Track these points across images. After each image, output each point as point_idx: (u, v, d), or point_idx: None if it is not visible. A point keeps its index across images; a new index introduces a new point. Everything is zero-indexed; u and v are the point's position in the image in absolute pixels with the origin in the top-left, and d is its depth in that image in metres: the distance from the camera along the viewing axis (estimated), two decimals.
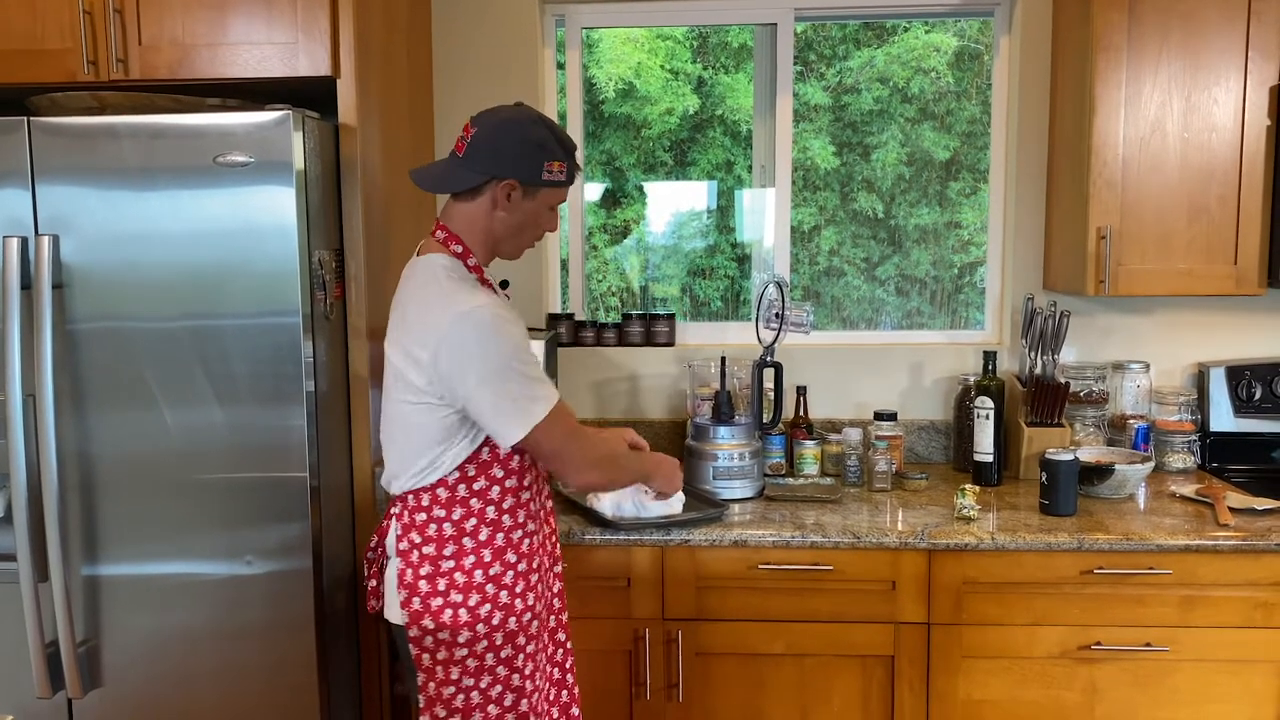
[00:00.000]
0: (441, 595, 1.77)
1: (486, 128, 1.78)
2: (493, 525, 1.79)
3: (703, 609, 2.27)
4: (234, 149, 2.03)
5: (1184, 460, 2.73)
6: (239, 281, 2.05)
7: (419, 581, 1.78)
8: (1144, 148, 2.45)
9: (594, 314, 3.16)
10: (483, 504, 1.79)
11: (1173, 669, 2.23)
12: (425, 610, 1.77)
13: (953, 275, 3.04)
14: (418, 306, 1.74)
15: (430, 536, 1.78)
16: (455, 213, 1.84)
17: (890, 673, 2.27)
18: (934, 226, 3.05)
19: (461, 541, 1.78)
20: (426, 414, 1.73)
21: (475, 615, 1.77)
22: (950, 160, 3.06)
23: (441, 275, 1.75)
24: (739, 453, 2.47)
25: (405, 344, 1.73)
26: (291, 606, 2.12)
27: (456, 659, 1.78)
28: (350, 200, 2.23)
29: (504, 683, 1.81)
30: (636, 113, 3.19)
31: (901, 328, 3.09)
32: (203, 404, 2.08)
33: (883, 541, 2.21)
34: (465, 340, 1.67)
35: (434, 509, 1.78)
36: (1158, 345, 2.85)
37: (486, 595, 1.79)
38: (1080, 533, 2.20)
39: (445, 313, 1.68)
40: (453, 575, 1.77)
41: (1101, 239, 2.46)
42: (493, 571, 1.79)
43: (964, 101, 3.00)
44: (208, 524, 2.10)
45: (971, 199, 3.03)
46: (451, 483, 1.77)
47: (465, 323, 1.67)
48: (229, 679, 2.14)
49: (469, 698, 1.79)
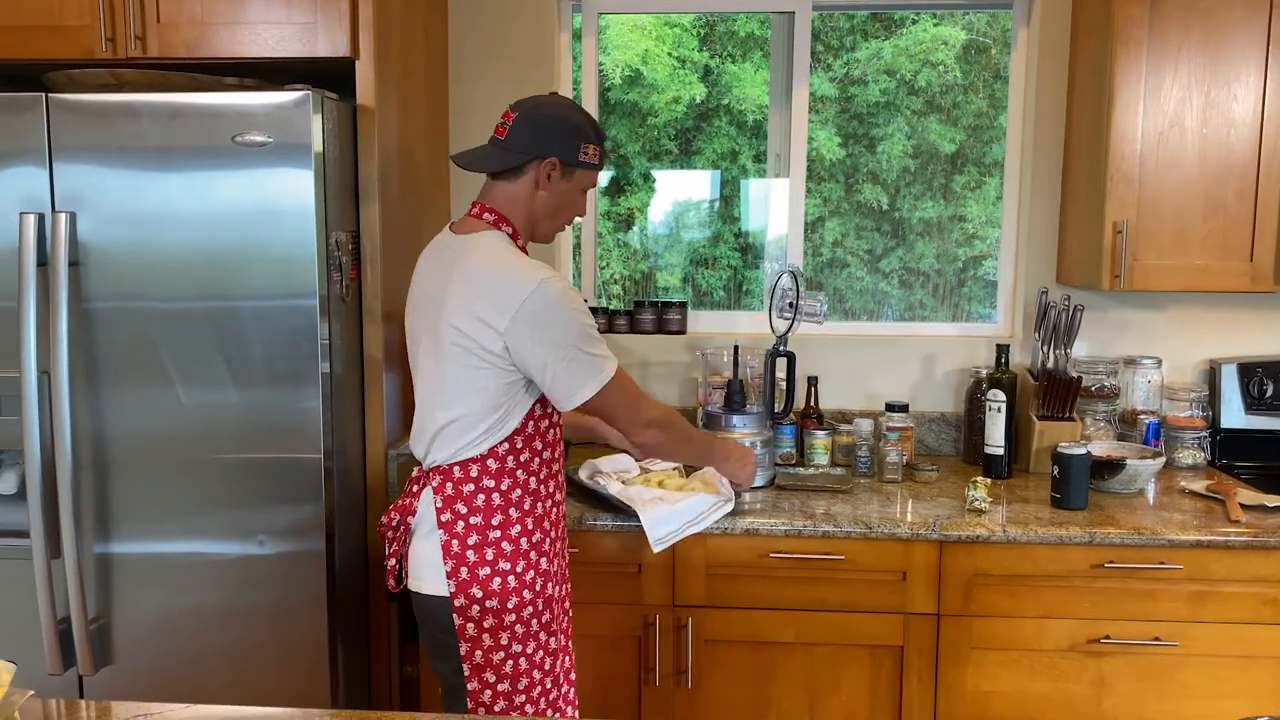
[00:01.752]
0: (490, 565, 1.81)
1: (528, 112, 1.86)
2: (534, 495, 1.86)
3: (713, 596, 2.27)
4: (252, 129, 2.02)
5: (1194, 456, 2.73)
6: (256, 263, 2.05)
7: (466, 552, 1.81)
8: (1162, 142, 2.44)
9: (598, 302, 3.15)
10: (526, 475, 1.85)
11: (1182, 664, 2.23)
12: (474, 579, 1.81)
13: (956, 269, 3.05)
14: (489, 274, 1.77)
15: (478, 507, 1.81)
16: (497, 193, 1.88)
17: (899, 663, 2.28)
18: (938, 220, 3.05)
19: (508, 511, 1.83)
20: (493, 378, 1.77)
21: (522, 581, 1.83)
22: (956, 153, 3.06)
23: (511, 247, 1.83)
24: (751, 441, 2.47)
25: (475, 310, 1.75)
26: (303, 588, 2.13)
27: (506, 625, 1.82)
28: (367, 182, 2.23)
29: (544, 647, 1.87)
30: (643, 100, 3.18)
31: (904, 320, 3.09)
32: (218, 385, 2.08)
33: (895, 532, 2.21)
34: (544, 307, 1.74)
35: (483, 479, 1.81)
36: (1170, 341, 2.85)
37: (530, 561, 1.85)
38: (1091, 527, 2.20)
39: (524, 280, 1.74)
40: (500, 544, 1.82)
41: (1118, 233, 2.45)
42: (535, 539, 1.86)
43: (971, 95, 3.00)
44: (221, 504, 2.11)
45: (976, 193, 3.03)
46: (502, 454, 1.81)
47: (543, 290, 1.73)
48: (240, 658, 2.15)
49: (518, 663, 1.84)
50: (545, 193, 1.87)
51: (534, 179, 1.86)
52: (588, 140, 1.88)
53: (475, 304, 1.76)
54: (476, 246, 1.83)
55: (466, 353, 1.77)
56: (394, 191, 2.34)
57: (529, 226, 1.91)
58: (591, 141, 1.89)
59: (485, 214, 1.87)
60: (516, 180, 1.86)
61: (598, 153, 1.91)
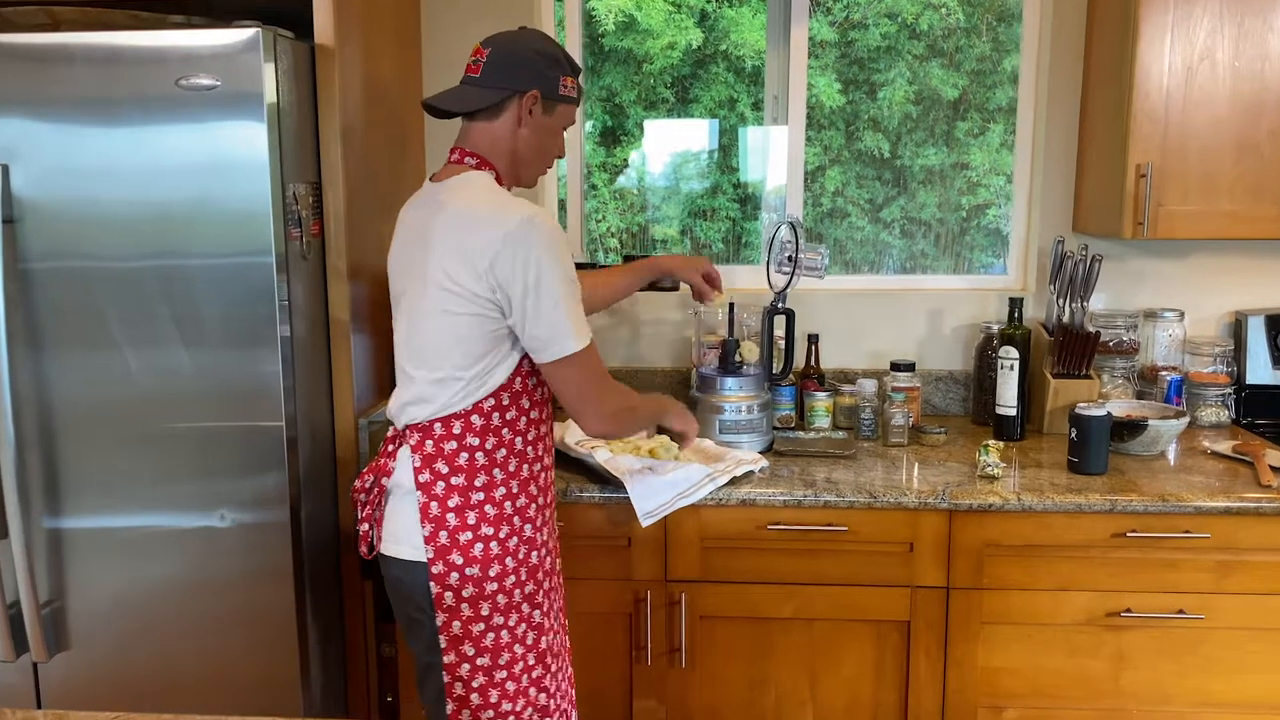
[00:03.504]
0: (472, 529, 1.68)
1: (502, 46, 1.74)
2: (520, 456, 1.73)
3: (708, 570, 2.14)
4: (198, 71, 1.85)
5: (1218, 414, 2.58)
6: (206, 218, 1.89)
7: (446, 515, 1.68)
8: (1190, 78, 2.25)
9: (593, 256, 2.99)
10: (513, 434, 1.72)
11: (1206, 637, 2.10)
12: (453, 545, 1.68)
13: (959, 218, 2.92)
14: (470, 214, 1.65)
15: (460, 466, 1.68)
16: (477, 135, 1.75)
17: (905, 638, 2.14)
18: (941, 168, 2.93)
19: (493, 472, 1.70)
20: (475, 326, 1.64)
21: (505, 548, 1.70)
22: (959, 99, 2.94)
23: (493, 185, 1.71)
24: (747, 405, 2.32)
25: (461, 247, 1.62)
26: (268, 564, 1.99)
27: (487, 594, 1.69)
28: (328, 129, 2.06)
29: (527, 620, 1.74)
30: (638, 47, 3.05)
31: (906, 271, 2.94)
32: (169, 349, 1.92)
33: (901, 501, 2.07)
34: (529, 245, 1.60)
35: (467, 437, 1.68)
36: (1193, 292, 2.68)
37: (515, 528, 1.72)
38: (1112, 494, 2.05)
39: (507, 217, 1.61)
40: (483, 508, 1.69)
41: (1141, 177, 2.28)
42: (519, 503, 1.73)
43: (974, 39, 2.87)
44: (177, 475, 1.97)
45: (980, 139, 2.92)
46: (487, 409, 1.68)
47: (529, 228, 1.60)
48: (204, 641, 2.02)
49: (499, 636, 1.71)
50: (528, 130, 1.75)
51: (515, 116, 1.74)
52: (565, 73, 1.77)
53: (463, 242, 1.63)
54: (459, 187, 1.71)
55: (452, 297, 1.63)
56: (359, 139, 2.17)
57: (513, 169, 1.78)
58: (569, 74, 1.78)
59: (467, 158, 1.75)
60: (496, 119, 1.74)
61: (576, 86, 1.80)
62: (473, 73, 1.74)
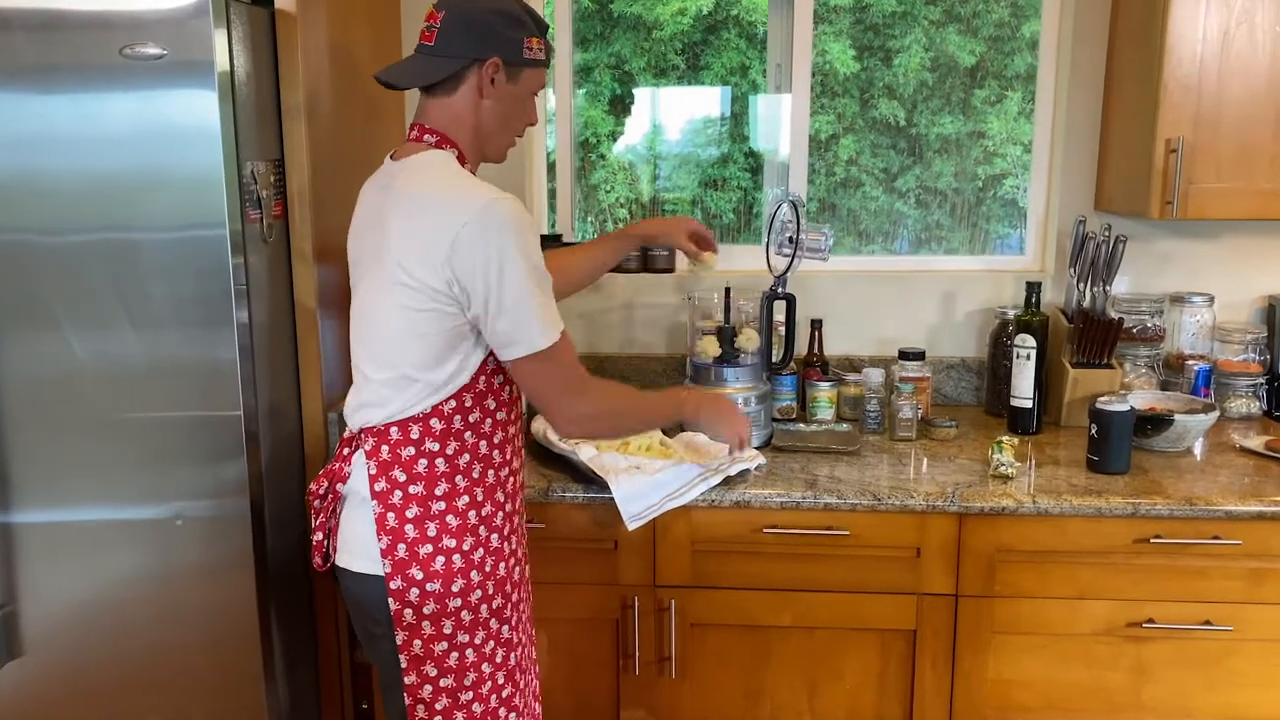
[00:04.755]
0: (431, 541, 1.55)
1: (455, 7, 1.58)
2: (484, 461, 1.59)
3: (700, 575, 2.00)
4: (145, 39, 1.71)
5: (1248, 406, 2.42)
6: (154, 190, 1.76)
7: (405, 526, 1.55)
8: (1227, 44, 2.08)
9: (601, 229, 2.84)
10: (476, 437, 1.58)
11: (1234, 649, 1.96)
12: (413, 559, 1.54)
13: (975, 188, 2.80)
14: (425, 201, 1.50)
15: (419, 474, 1.55)
16: (436, 110, 1.60)
17: (911, 648, 2.01)
18: (957, 136, 2.81)
19: (455, 479, 1.57)
20: (434, 322, 1.50)
21: (469, 561, 1.57)
22: (976, 66, 2.83)
23: (452, 167, 1.56)
24: (744, 397, 2.17)
25: (417, 237, 1.48)
26: (229, 564, 1.87)
27: (450, 610, 1.56)
28: (291, 102, 1.91)
29: (495, 636, 1.61)
30: (647, 13, 2.95)
31: (920, 240, 2.81)
32: (116, 330, 1.79)
33: (907, 504, 1.92)
34: (489, 235, 1.45)
35: (425, 442, 1.55)
36: (1222, 275, 2.51)
37: (480, 538, 1.58)
38: (1135, 496, 1.90)
39: (465, 205, 1.46)
40: (444, 518, 1.56)
41: (1171, 152, 2.11)
42: (485, 512, 1.59)
43: (991, 4, 2.74)
44: (128, 467, 1.84)
45: (997, 107, 2.82)
46: (448, 412, 1.55)
47: (489, 215, 1.45)
48: (163, 639, 1.90)
49: (464, 655, 1.58)
50: (491, 101, 1.60)
51: (476, 87, 1.58)
52: (530, 33, 1.60)
53: (417, 231, 1.48)
54: (416, 168, 1.56)
55: (408, 291, 1.49)
56: (326, 113, 2.02)
57: (477, 144, 1.63)
58: (534, 34, 1.61)
59: (426, 135, 1.60)
60: (455, 92, 1.59)
61: (542, 46, 1.64)
62: (426, 40, 1.58)
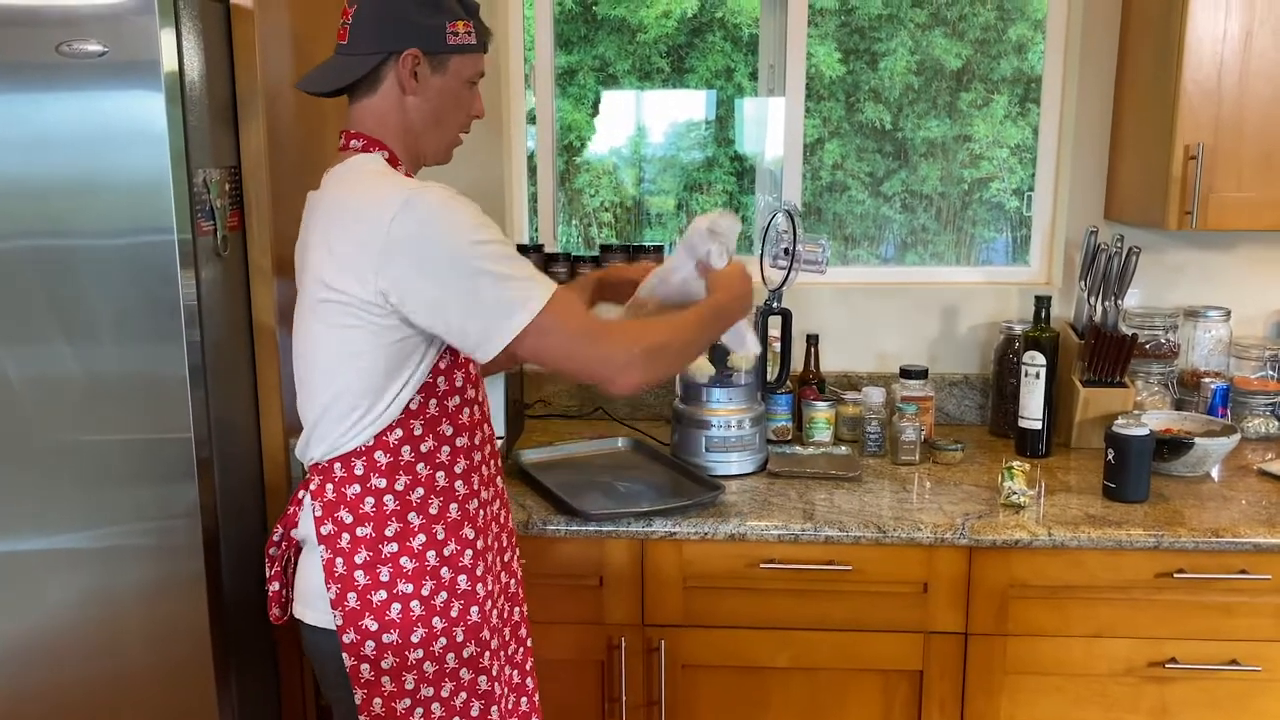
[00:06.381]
0: (385, 587, 1.40)
1: (366, 1, 1.44)
2: (443, 495, 1.44)
3: (691, 614, 1.87)
4: (83, 35, 1.56)
5: (1266, 425, 2.30)
6: (93, 194, 1.61)
7: (354, 572, 1.40)
8: (1250, 45, 1.96)
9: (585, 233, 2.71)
10: (431, 469, 1.43)
11: (1262, 690, 1.84)
12: (366, 608, 1.40)
13: (961, 191, 2.72)
14: (343, 209, 1.38)
15: (366, 514, 1.40)
16: (360, 114, 1.47)
17: (917, 690, 1.88)
18: (943, 140, 2.73)
19: (407, 518, 1.42)
20: (368, 339, 1.36)
21: (430, 606, 1.42)
22: (962, 69, 2.76)
23: (373, 168, 1.43)
24: (738, 420, 2.04)
25: (337, 250, 1.35)
26: (181, 601, 1.72)
27: (411, 663, 1.41)
28: (248, 105, 1.76)
29: (469, 689, 1.46)
30: (631, 15, 2.87)
31: (906, 244, 2.71)
32: (51, 347, 1.64)
33: (914, 537, 1.79)
34: (418, 227, 1.32)
35: (371, 478, 1.40)
36: (1239, 287, 2.39)
37: (442, 581, 1.43)
38: (1157, 528, 1.78)
39: (387, 200, 1.33)
40: (398, 560, 1.41)
41: (1190, 159, 1.99)
42: (447, 552, 1.44)
43: (977, 6, 2.69)
44: (67, 494, 1.68)
45: (983, 111, 2.76)
46: (393, 443, 1.40)
47: (413, 206, 1.32)
48: (107, 672, 1.74)
49: (429, 710, 1.43)
50: (416, 97, 1.46)
51: (397, 83, 1.44)
52: (454, 16, 1.45)
53: (336, 243, 1.35)
54: (339, 176, 1.44)
55: (333, 308, 1.36)
56: (287, 116, 1.87)
57: (410, 145, 1.49)
58: (460, 17, 1.46)
59: (353, 141, 1.47)
60: (376, 91, 1.45)
61: (471, 29, 1.47)
62: (341, 39, 1.45)
